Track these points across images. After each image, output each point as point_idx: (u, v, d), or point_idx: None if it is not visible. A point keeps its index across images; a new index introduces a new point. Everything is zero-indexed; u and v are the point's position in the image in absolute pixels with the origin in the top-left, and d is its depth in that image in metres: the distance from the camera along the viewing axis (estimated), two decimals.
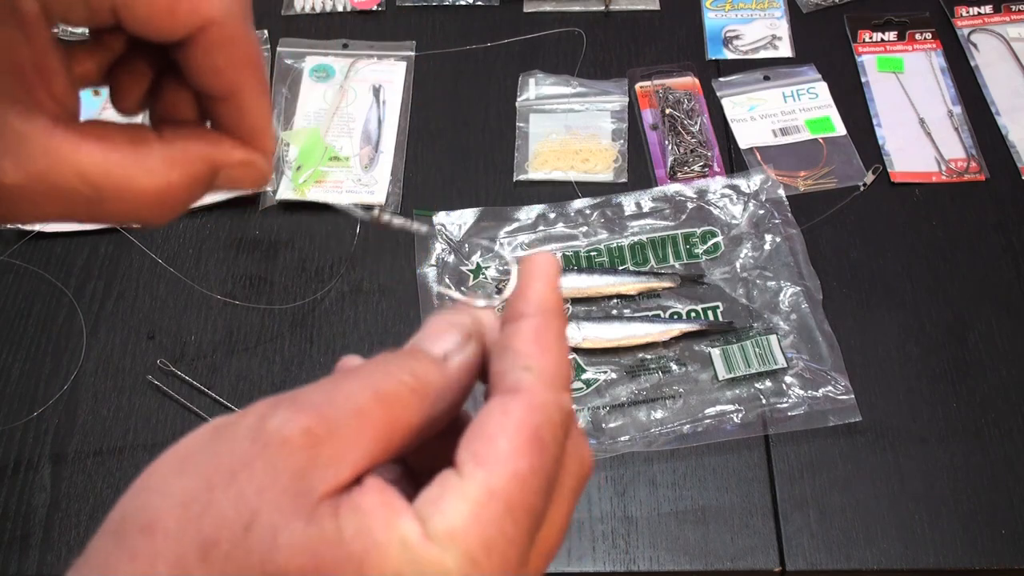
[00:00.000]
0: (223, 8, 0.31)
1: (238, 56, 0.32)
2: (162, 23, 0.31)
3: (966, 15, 1.00)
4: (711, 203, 0.86)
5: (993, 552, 0.68)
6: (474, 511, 0.26)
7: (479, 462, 0.27)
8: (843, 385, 0.75)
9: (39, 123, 0.31)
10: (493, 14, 1.02)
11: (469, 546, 0.26)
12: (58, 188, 0.32)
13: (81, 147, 0.32)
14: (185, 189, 0.34)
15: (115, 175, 0.33)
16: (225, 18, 0.31)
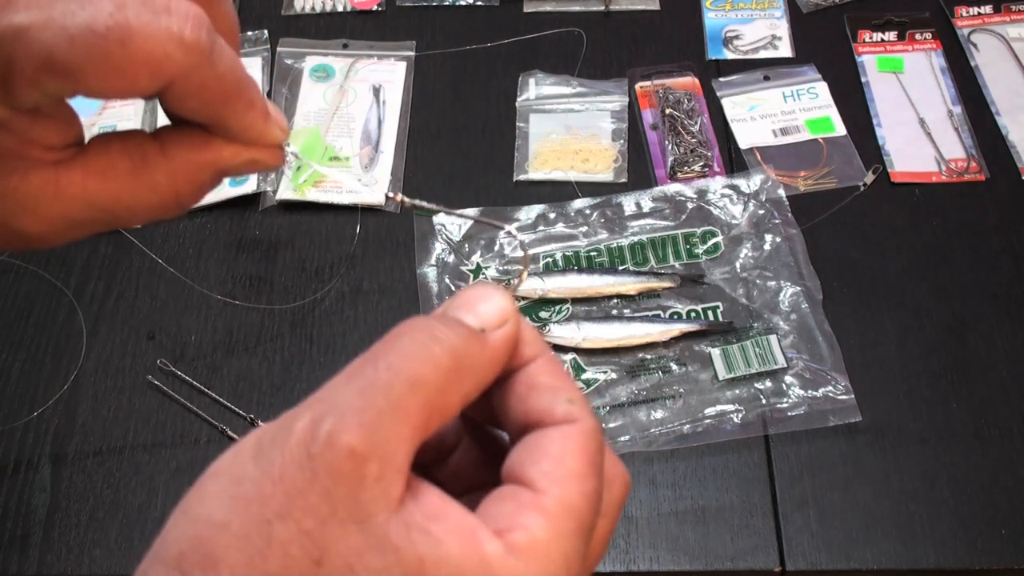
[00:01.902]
0: (183, 64, 0.32)
1: (211, 98, 0.34)
2: (122, 93, 0.32)
3: (966, 15, 1.00)
4: (711, 203, 0.86)
5: (993, 552, 0.68)
6: (554, 526, 0.27)
7: (553, 480, 0.27)
8: (843, 385, 0.75)
9: (41, 177, 0.34)
10: (493, 14, 1.02)
11: (551, 560, 0.27)
12: (75, 222, 0.35)
13: (87, 183, 0.35)
14: (193, 193, 0.37)
15: (123, 199, 0.35)
16: (188, 72, 0.32)
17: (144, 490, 0.73)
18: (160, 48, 0.32)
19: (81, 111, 0.36)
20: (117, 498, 0.72)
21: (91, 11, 0.31)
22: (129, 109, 0.94)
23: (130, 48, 0.31)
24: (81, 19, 0.31)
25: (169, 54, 0.32)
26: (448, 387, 0.28)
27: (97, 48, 0.31)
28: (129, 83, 0.32)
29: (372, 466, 0.26)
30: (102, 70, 0.31)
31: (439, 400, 0.27)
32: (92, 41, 0.31)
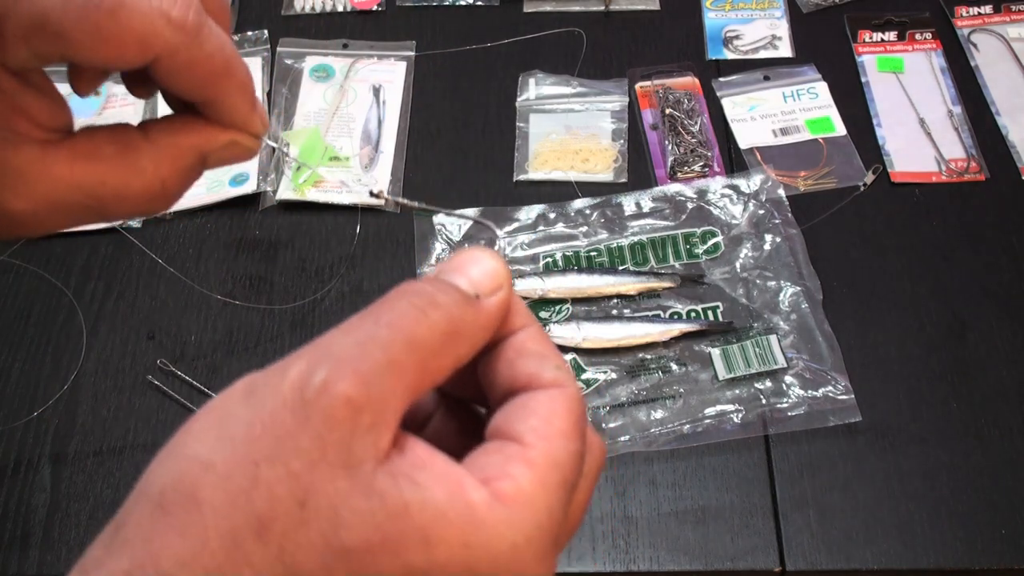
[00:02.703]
0: (171, 41, 0.34)
1: (199, 76, 0.35)
2: (110, 65, 0.34)
3: (966, 15, 1.00)
4: (711, 203, 0.86)
5: (993, 552, 0.68)
6: (540, 478, 0.27)
7: (541, 436, 0.28)
8: (843, 385, 0.75)
9: (30, 153, 0.35)
10: (493, 14, 1.01)
11: (536, 509, 0.27)
12: (61, 204, 0.36)
13: (74, 165, 0.36)
14: (178, 179, 0.38)
15: (110, 183, 0.36)
16: (175, 49, 0.34)
17: None
18: (148, 22, 0.33)
19: (81, 112, 0.36)
20: (117, 498, 0.72)
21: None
22: (129, 109, 0.94)
23: (119, 18, 0.33)
24: None
25: (157, 29, 0.33)
26: (442, 350, 0.28)
27: (89, 15, 0.32)
28: (116, 53, 0.33)
29: (366, 416, 0.26)
30: (92, 37, 0.33)
31: (433, 362, 0.28)
32: (84, 8, 0.32)
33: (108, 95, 0.95)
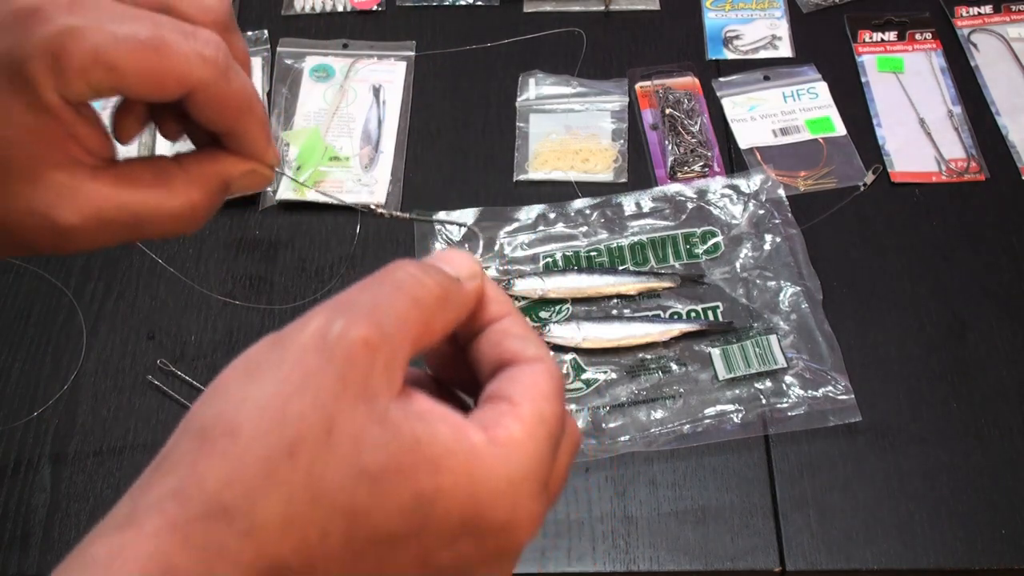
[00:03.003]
0: (201, 77, 0.40)
1: (226, 109, 0.42)
2: (152, 95, 0.40)
3: (966, 15, 1.00)
4: (711, 203, 0.86)
5: (993, 552, 0.68)
6: (529, 429, 0.32)
7: (528, 397, 0.33)
8: (843, 385, 0.75)
9: (82, 175, 0.41)
10: (493, 14, 1.02)
11: (528, 454, 0.32)
12: (106, 221, 0.41)
13: (118, 187, 0.42)
14: (205, 202, 0.44)
15: (148, 203, 0.42)
16: (205, 85, 0.40)
17: None
18: (186, 59, 0.39)
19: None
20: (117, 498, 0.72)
21: (136, 24, 0.39)
22: None
23: (163, 55, 0.39)
24: (127, 28, 0.38)
25: (192, 66, 0.40)
26: (436, 313, 0.33)
27: (137, 52, 0.38)
28: (159, 85, 0.40)
29: (380, 357, 0.31)
30: (139, 71, 0.39)
31: (430, 321, 0.33)
32: (134, 45, 0.38)
33: None
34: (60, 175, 0.41)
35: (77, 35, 0.38)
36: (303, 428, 0.29)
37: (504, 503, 0.31)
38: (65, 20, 0.38)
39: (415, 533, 0.31)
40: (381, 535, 0.30)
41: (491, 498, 0.31)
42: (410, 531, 0.31)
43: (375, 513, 0.30)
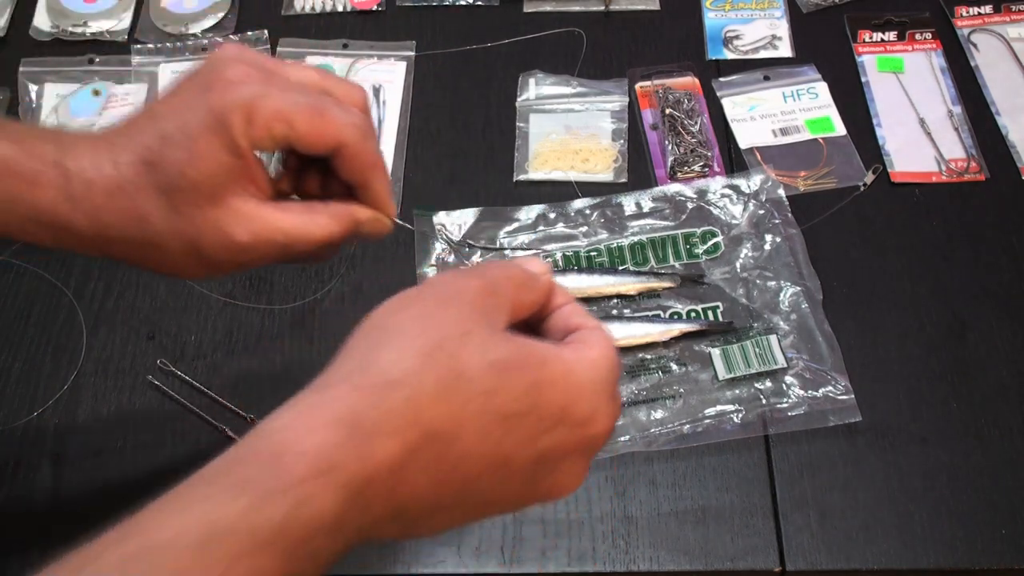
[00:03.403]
0: (348, 136, 0.53)
1: (362, 164, 0.54)
2: (314, 147, 0.53)
3: (966, 15, 1.00)
4: (711, 203, 0.86)
5: (993, 552, 0.68)
6: (602, 354, 0.46)
7: (597, 340, 0.46)
8: (843, 385, 0.75)
9: (254, 204, 0.53)
10: (493, 14, 1.02)
11: (602, 370, 0.45)
12: (268, 241, 0.54)
13: (279, 215, 0.54)
14: (341, 236, 0.55)
15: (300, 229, 0.54)
16: (351, 142, 0.53)
17: (144, 490, 0.72)
18: (339, 124, 0.52)
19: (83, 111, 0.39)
20: (117, 498, 0.72)
21: (307, 97, 0.52)
22: (129, 109, 0.94)
23: (324, 119, 0.52)
24: (301, 98, 0.52)
25: (343, 128, 0.53)
26: (522, 292, 0.47)
27: (307, 114, 0.52)
28: (320, 139, 0.52)
29: (492, 300, 0.45)
30: (307, 128, 0.52)
31: (519, 295, 0.46)
32: (305, 109, 0.52)
33: (109, 95, 0.95)
34: (238, 202, 0.53)
35: (267, 98, 0.51)
36: (447, 331, 0.42)
37: (589, 400, 0.45)
38: (259, 88, 0.51)
39: (527, 412, 0.43)
40: (505, 411, 0.42)
41: (580, 395, 0.44)
42: (525, 411, 0.43)
43: (501, 393, 0.42)
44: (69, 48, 1.00)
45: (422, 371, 0.41)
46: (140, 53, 0.98)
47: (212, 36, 1.00)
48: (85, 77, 0.97)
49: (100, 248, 0.55)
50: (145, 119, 0.54)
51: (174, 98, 0.53)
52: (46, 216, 0.53)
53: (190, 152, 0.51)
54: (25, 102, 0.95)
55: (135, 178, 0.52)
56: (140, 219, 0.53)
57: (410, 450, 0.40)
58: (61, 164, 0.52)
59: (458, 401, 0.41)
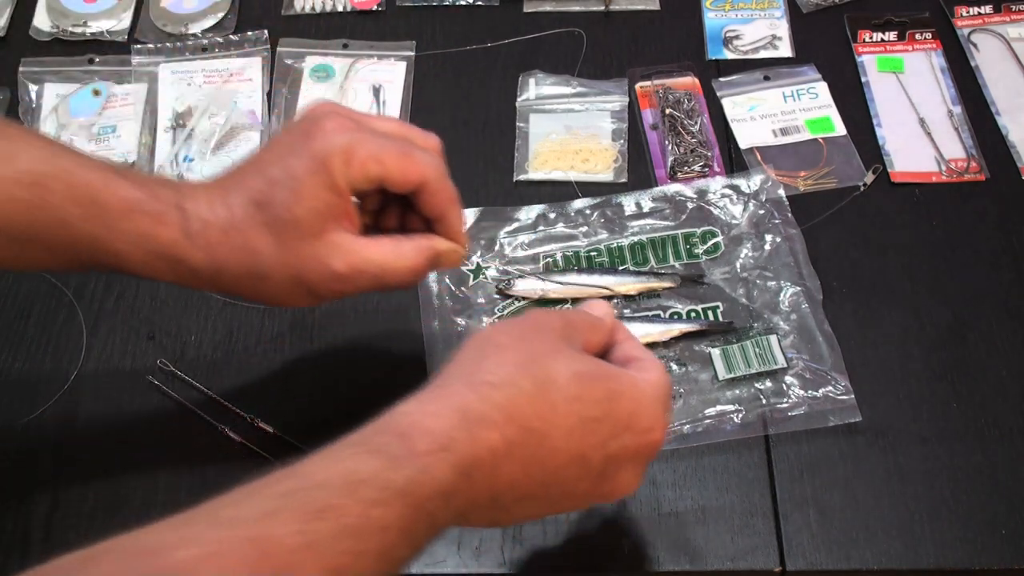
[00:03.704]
0: (431, 174, 0.61)
1: (442, 200, 0.62)
2: (401, 188, 0.60)
3: (966, 15, 1.00)
4: (711, 203, 0.86)
5: (993, 552, 0.68)
6: (659, 377, 0.57)
7: (653, 367, 0.58)
8: (843, 385, 0.75)
9: (350, 238, 0.60)
10: (493, 14, 1.02)
11: (660, 388, 0.57)
12: (363, 271, 0.60)
13: (372, 248, 0.61)
14: (424, 266, 0.63)
15: (391, 261, 0.61)
16: (432, 180, 0.61)
17: (144, 490, 0.73)
18: (423, 164, 0.60)
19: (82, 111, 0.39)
20: (117, 498, 0.72)
21: (395, 141, 0.60)
22: (128, 109, 0.94)
23: (411, 159, 0.60)
24: (390, 143, 0.60)
25: (426, 168, 0.60)
26: (590, 332, 0.58)
27: (396, 155, 0.59)
28: (406, 177, 0.60)
29: (570, 331, 0.57)
30: (396, 167, 0.59)
31: (588, 335, 0.58)
32: (395, 151, 0.59)
33: (109, 95, 0.95)
34: (337, 236, 0.59)
35: (362, 143, 0.59)
36: (539, 348, 0.54)
37: (651, 412, 0.56)
38: (354, 135, 0.59)
39: (603, 418, 0.53)
40: (587, 415, 0.53)
41: (644, 406, 0.55)
42: (601, 416, 0.53)
43: (584, 399, 0.53)
44: (69, 48, 1.00)
45: (520, 377, 0.52)
46: (140, 53, 0.98)
47: (212, 36, 1.00)
48: (85, 77, 0.97)
49: (214, 280, 0.61)
50: (251, 167, 0.61)
51: (277, 148, 0.61)
52: (168, 251, 0.60)
53: (296, 192, 0.58)
54: (25, 102, 0.95)
55: (246, 217, 0.59)
56: (251, 253, 0.59)
57: (509, 442, 0.50)
58: (181, 206, 0.59)
59: (549, 403, 0.52)
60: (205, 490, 0.72)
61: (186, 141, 0.92)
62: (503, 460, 0.50)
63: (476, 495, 0.50)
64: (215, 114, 0.94)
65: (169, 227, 0.59)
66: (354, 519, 0.44)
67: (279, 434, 0.74)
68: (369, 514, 0.44)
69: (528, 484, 0.52)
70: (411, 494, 0.46)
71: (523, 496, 0.52)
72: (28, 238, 0.59)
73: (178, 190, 0.61)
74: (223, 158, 0.91)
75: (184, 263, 0.60)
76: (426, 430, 0.48)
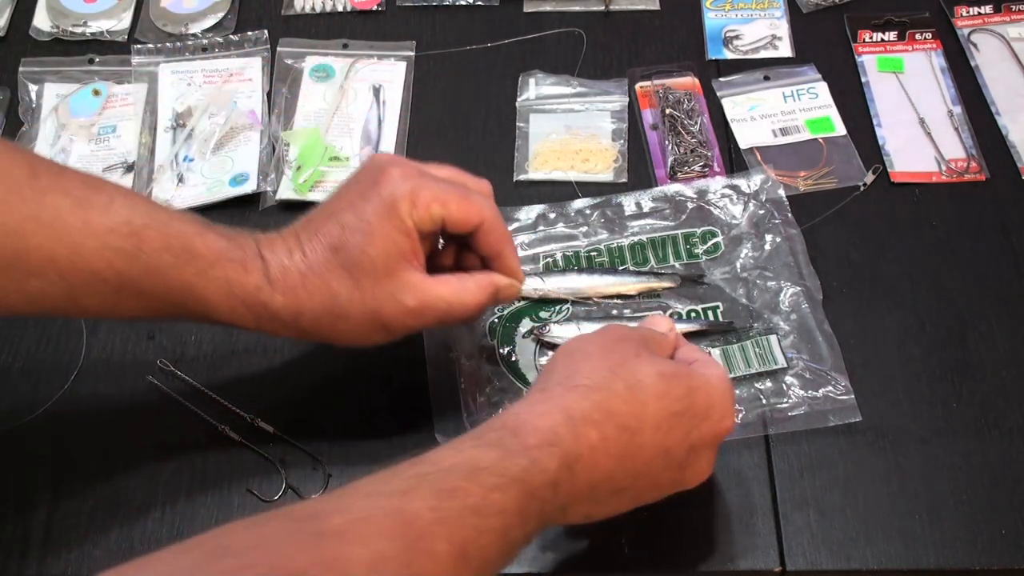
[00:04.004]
0: (488, 215, 0.66)
1: (498, 238, 0.67)
2: (461, 228, 0.66)
3: (966, 15, 1.00)
4: (711, 203, 0.86)
5: (993, 552, 0.68)
6: (723, 373, 0.65)
7: (715, 362, 0.67)
8: (843, 385, 0.75)
9: (419, 276, 0.65)
10: (493, 14, 1.02)
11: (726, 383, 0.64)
12: (431, 306, 0.65)
13: (439, 285, 0.65)
14: (486, 300, 0.67)
15: (457, 296, 0.65)
16: (489, 220, 0.66)
17: (144, 490, 0.73)
18: (481, 205, 0.66)
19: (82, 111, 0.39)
20: (117, 498, 0.72)
21: (455, 186, 0.66)
22: (128, 109, 0.94)
23: (470, 202, 0.65)
24: (451, 187, 0.65)
25: (484, 209, 0.66)
26: (655, 345, 0.65)
27: (457, 197, 0.65)
28: (467, 217, 0.65)
29: (647, 340, 0.64)
30: (457, 209, 0.64)
31: (660, 345, 0.66)
32: (456, 194, 0.65)
33: (108, 95, 0.95)
34: (408, 275, 0.64)
35: (425, 187, 0.64)
36: (625, 355, 0.61)
37: (722, 402, 0.62)
38: (418, 180, 0.64)
39: (685, 411, 0.60)
40: (672, 410, 0.59)
41: (717, 397, 0.62)
42: (683, 410, 0.60)
43: (669, 395, 0.59)
44: (69, 48, 1.00)
45: (612, 380, 0.58)
46: (140, 53, 0.98)
47: (212, 36, 1.00)
48: (85, 77, 0.97)
49: (294, 323, 0.65)
50: (322, 216, 0.65)
51: (346, 196, 0.65)
52: (252, 296, 0.64)
53: (369, 235, 0.63)
54: (25, 102, 0.95)
55: (323, 261, 0.64)
56: (330, 294, 0.64)
57: (605, 438, 0.56)
58: (261, 254, 0.64)
59: (639, 402, 0.58)
60: (205, 490, 0.73)
61: (186, 141, 0.92)
62: (600, 455, 0.56)
63: (577, 487, 0.56)
64: (215, 114, 0.93)
65: (253, 273, 0.63)
66: (477, 500, 0.50)
67: (279, 434, 0.74)
68: (489, 497, 0.50)
69: (621, 477, 0.58)
70: (524, 481, 0.52)
71: (617, 489, 0.59)
72: (122, 285, 0.62)
73: (256, 240, 0.65)
74: (223, 158, 0.91)
75: (267, 307, 0.64)
76: (535, 427, 0.55)
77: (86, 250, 0.60)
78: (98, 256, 0.61)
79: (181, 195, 0.88)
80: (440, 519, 0.48)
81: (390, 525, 0.47)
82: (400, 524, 0.47)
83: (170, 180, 0.90)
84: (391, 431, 0.74)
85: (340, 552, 0.45)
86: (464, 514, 0.49)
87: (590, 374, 0.59)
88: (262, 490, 0.72)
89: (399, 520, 0.47)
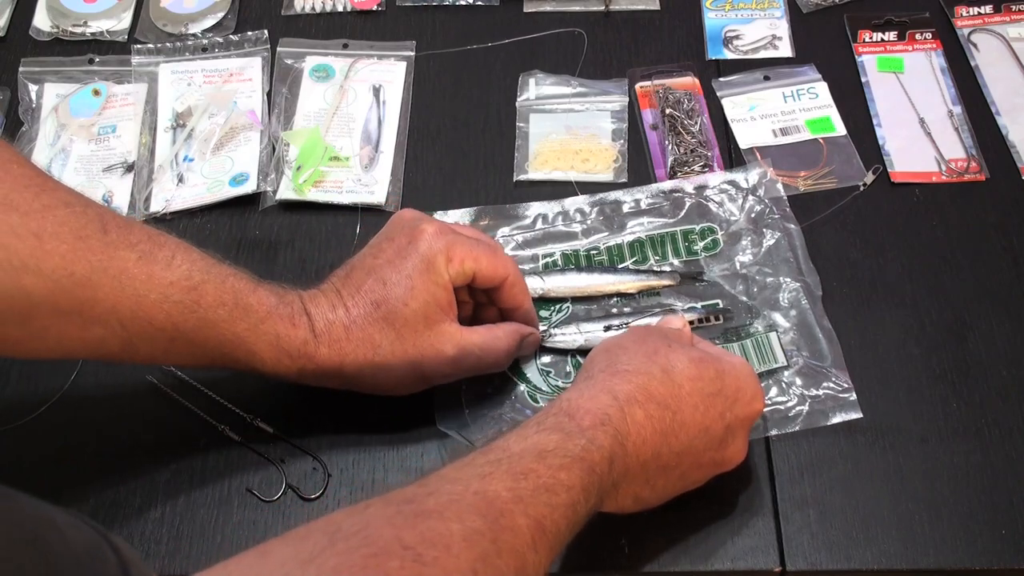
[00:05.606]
0: (510, 273, 0.71)
1: (520, 292, 0.73)
2: (490, 282, 0.71)
3: (966, 15, 1.00)
4: (709, 199, 0.86)
5: (993, 552, 0.68)
6: (745, 360, 0.71)
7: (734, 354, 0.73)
8: (844, 383, 0.75)
9: (455, 326, 0.70)
10: (493, 14, 1.02)
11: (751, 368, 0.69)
12: (468, 353, 0.70)
13: (473, 334, 0.70)
14: (514, 348, 0.73)
15: (489, 344, 0.71)
16: (513, 275, 0.72)
17: (144, 490, 0.73)
18: (507, 262, 0.72)
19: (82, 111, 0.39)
20: (117, 498, 0.72)
21: (483, 243, 0.71)
22: (128, 110, 0.94)
23: (498, 257, 0.71)
24: (480, 245, 0.70)
25: (509, 266, 0.71)
26: (681, 339, 0.68)
27: (486, 253, 0.70)
28: (495, 273, 0.70)
29: (672, 333, 0.69)
30: (487, 264, 0.69)
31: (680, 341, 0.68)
32: (485, 251, 0.70)
33: (108, 95, 0.95)
34: (445, 325, 0.69)
35: (458, 244, 0.69)
36: (657, 345, 0.65)
37: (751, 384, 0.67)
38: (452, 236, 0.69)
39: (718, 392, 0.64)
40: (706, 391, 0.64)
41: (745, 380, 0.66)
42: (716, 391, 0.64)
43: (702, 378, 0.64)
44: (69, 48, 1.00)
45: (650, 365, 0.63)
46: (140, 53, 0.98)
47: (212, 36, 1.00)
48: (85, 77, 0.97)
49: (337, 374, 0.69)
50: (361, 273, 0.69)
51: (383, 254, 0.70)
52: (298, 349, 0.67)
53: (410, 289, 0.68)
54: (25, 102, 0.95)
55: (366, 315, 0.68)
56: (372, 345, 0.68)
57: (649, 416, 0.61)
58: (306, 310, 0.68)
59: (675, 384, 0.63)
60: (205, 490, 0.73)
61: (186, 141, 0.92)
62: (648, 431, 0.61)
63: (629, 463, 0.60)
64: (215, 114, 0.93)
65: (299, 328, 0.67)
66: (547, 479, 0.55)
67: (279, 434, 0.74)
68: (557, 476, 0.55)
69: (667, 454, 0.62)
70: (585, 459, 0.57)
71: (664, 466, 0.63)
72: (177, 336, 0.65)
73: (301, 296, 0.69)
74: (223, 158, 0.91)
75: (311, 359, 0.68)
76: (587, 410, 0.60)
77: (147, 302, 0.63)
78: (157, 308, 0.63)
79: (181, 195, 0.88)
80: (517, 498, 0.53)
81: (477, 504, 0.52)
82: (484, 503, 0.52)
83: (170, 180, 0.90)
84: (391, 431, 0.74)
85: (441, 528, 0.49)
86: (537, 492, 0.54)
87: (629, 361, 0.64)
88: (262, 490, 0.72)
89: (483, 500, 0.52)
